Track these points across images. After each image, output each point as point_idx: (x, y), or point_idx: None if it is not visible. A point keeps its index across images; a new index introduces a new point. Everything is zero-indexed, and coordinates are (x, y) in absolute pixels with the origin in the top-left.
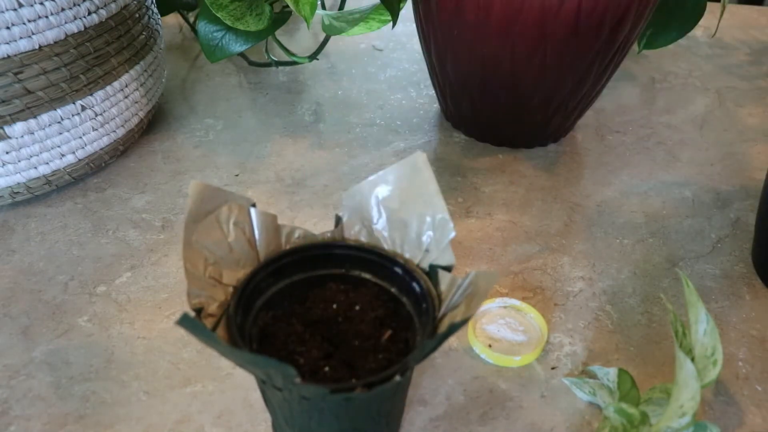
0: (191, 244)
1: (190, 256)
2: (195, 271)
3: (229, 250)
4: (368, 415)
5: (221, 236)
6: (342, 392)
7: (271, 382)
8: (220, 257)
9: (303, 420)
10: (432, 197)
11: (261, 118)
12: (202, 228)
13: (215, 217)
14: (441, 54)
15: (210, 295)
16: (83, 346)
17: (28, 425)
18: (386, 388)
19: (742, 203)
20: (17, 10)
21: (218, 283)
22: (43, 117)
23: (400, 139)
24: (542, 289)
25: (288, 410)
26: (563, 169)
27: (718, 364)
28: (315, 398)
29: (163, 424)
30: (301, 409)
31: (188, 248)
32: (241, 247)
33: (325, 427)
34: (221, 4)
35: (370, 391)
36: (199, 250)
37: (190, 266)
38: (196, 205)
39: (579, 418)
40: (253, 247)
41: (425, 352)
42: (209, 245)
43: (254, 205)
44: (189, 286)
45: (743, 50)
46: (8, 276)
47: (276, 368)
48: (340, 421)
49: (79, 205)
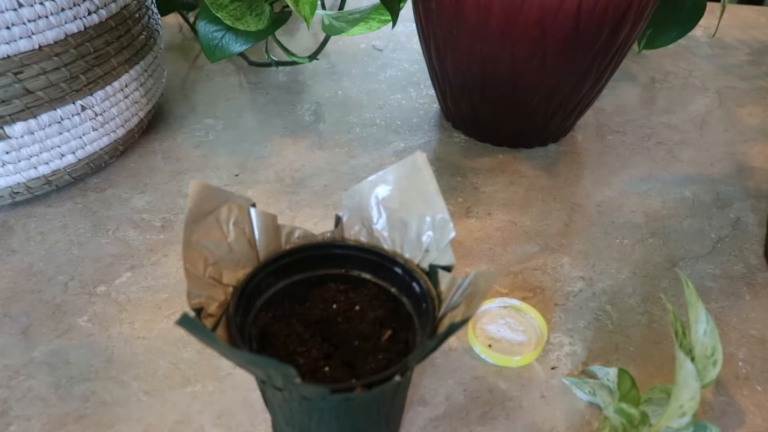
0: (191, 244)
1: (189, 256)
2: (195, 271)
3: (228, 250)
4: (368, 415)
5: (221, 236)
6: (342, 392)
7: (271, 382)
8: (220, 257)
9: (303, 420)
10: (432, 197)
11: (261, 118)
12: (201, 228)
13: (215, 217)
14: (441, 54)
15: (210, 295)
16: (83, 346)
17: (28, 425)
18: (386, 388)
19: (742, 203)
20: (17, 10)
21: (218, 283)
22: (43, 117)
23: (400, 139)
24: (542, 289)
25: (288, 410)
26: (563, 169)
27: (718, 364)
28: (315, 398)
29: (163, 424)
30: (301, 409)
31: (188, 248)
32: (240, 247)
33: (325, 427)
34: (221, 4)
35: (370, 391)
36: (198, 250)
37: (190, 266)
38: (195, 205)
39: (579, 418)
40: (253, 247)
41: (425, 352)
42: (209, 245)
43: (254, 205)
44: (189, 286)
45: (743, 50)
46: (8, 276)
47: (276, 368)
48: (340, 421)
49: (79, 205)
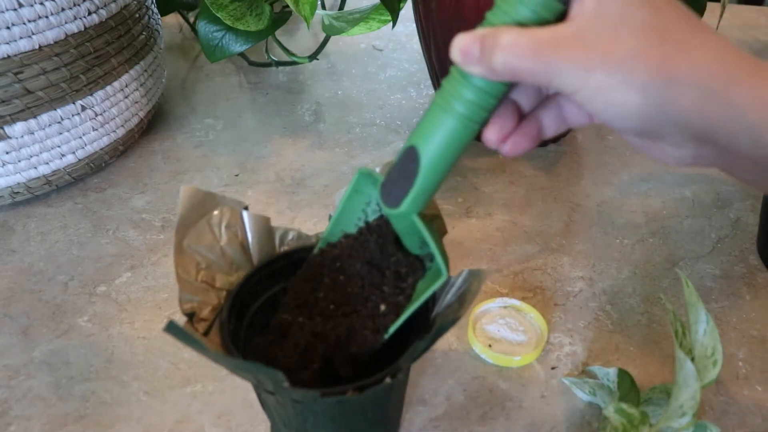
0: (183, 248)
1: (181, 261)
2: (187, 276)
3: (221, 254)
4: (363, 417)
5: (213, 240)
6: (333, 395)
7: (263, 386)
8: (213, 261)
9: (299, 423)
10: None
11: (261, 118)
12: (193, 232)
13: (207, 221)
14: (441, 54)
15: (202, 299)
16: (83, 346)
17: (28, 425)
18: (378, 390)
19: (742, 203)
20: (17, 10)
21: (211, 288)
22: (43, 117)
23: (400, 139)
24: (542, 289)
25: (284, 413)
26: (563, 169)
27: (718, 364)
28: (307, 401)
29: (163, 424)
30: (296, 412)
31: (180, 253)
32: (233, 251)
33: (321, 429)
34: (221, 4)
35: (362, 393)
36: (190, 255)
37: (182, 271)
38: (186, 210)
39: (579, 418)
40: (246, 251)
41: (416, 353)
42: (201, 249)
43: (246, 208)
44: (180, 291)
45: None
46: (8, 276)
47: (265, 374)
48: (335, 423)
49: (79, 205)
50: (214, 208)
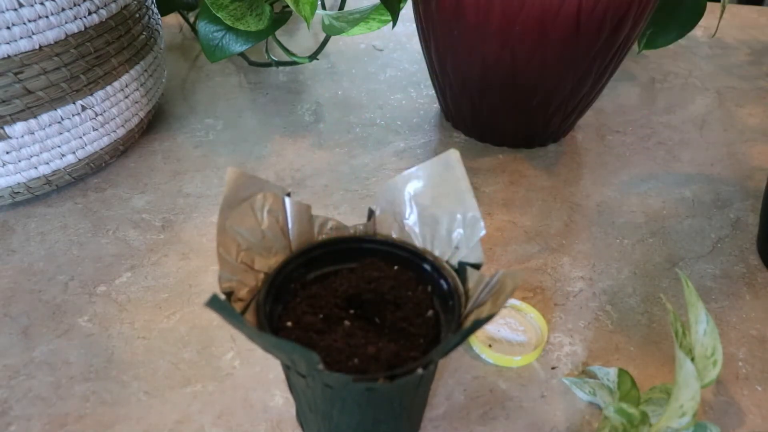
0: (225, 229)
1: (223, 241)
2: (227, 256)
3: (261, 237)
4: (390, 406)
5: (255, 223)
6: (364, 382)
7: (295, 368)
8: (253, 243)
9: (326, 407)
10: (463, 195)
11: (261, 118)
12: (236, 214)
13: (249, 204)
14: (441, 54)
15: (241, 279)
16: (83, 346)
17: (28, 425)
18: (409, 380)
19: (742, 203)
20: (17, 10)
21: (250, 269)
22: (43, 117)
23: (400, 139)
24: (542, 289)
25: (311, 397)
26: (563, 169)
27: (718, 364)
28: (337, 386)
29: (163, 424)
30: (324, 396)
31: (222, 233)
32: (273, 235)
33: (347, 415)
34: (221, 4)
35: (392, 382)
36: (232, 236)
37: (223, 251)
38: (231, 192)
39: (579, 418)
40: (286, 236)
41: (449, 346)
42: (242, 231)
43: (289, 194)
44: (220, 270)
45: (743, 50)
46: (8, 276)
47: (300, 354)
48: (362, 410)
49: (79, 205)
50: (257, 192)
